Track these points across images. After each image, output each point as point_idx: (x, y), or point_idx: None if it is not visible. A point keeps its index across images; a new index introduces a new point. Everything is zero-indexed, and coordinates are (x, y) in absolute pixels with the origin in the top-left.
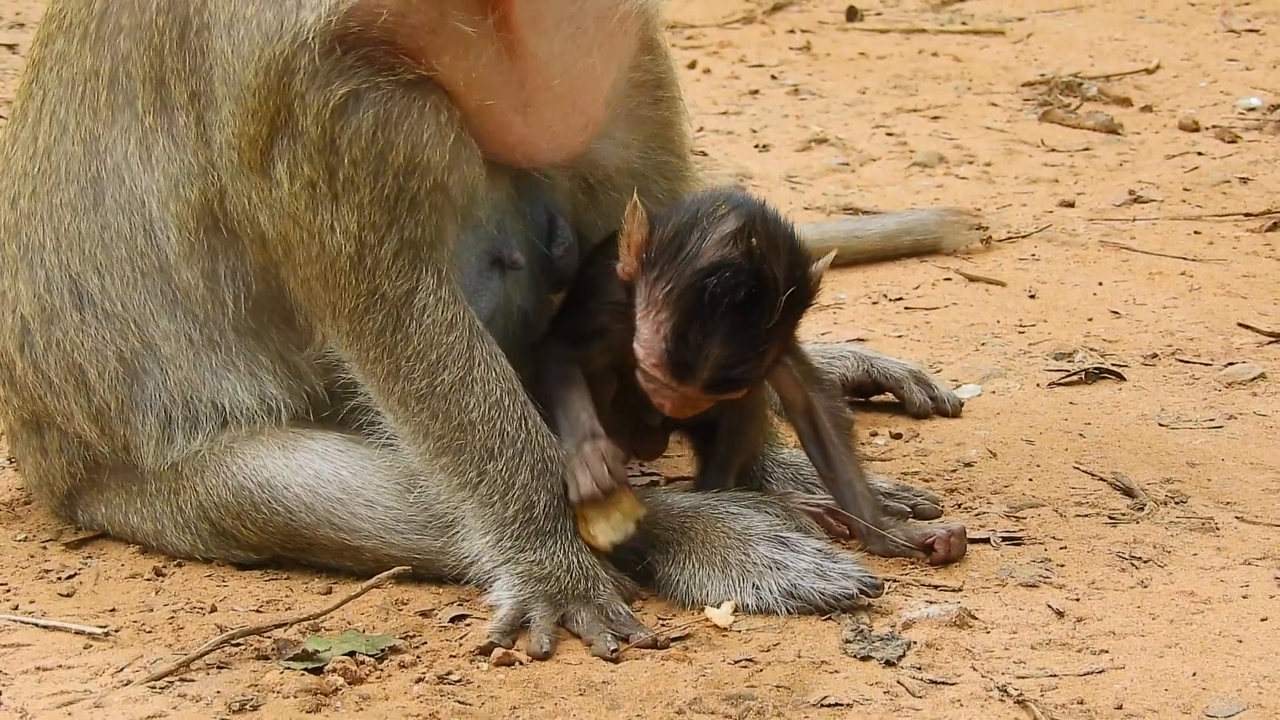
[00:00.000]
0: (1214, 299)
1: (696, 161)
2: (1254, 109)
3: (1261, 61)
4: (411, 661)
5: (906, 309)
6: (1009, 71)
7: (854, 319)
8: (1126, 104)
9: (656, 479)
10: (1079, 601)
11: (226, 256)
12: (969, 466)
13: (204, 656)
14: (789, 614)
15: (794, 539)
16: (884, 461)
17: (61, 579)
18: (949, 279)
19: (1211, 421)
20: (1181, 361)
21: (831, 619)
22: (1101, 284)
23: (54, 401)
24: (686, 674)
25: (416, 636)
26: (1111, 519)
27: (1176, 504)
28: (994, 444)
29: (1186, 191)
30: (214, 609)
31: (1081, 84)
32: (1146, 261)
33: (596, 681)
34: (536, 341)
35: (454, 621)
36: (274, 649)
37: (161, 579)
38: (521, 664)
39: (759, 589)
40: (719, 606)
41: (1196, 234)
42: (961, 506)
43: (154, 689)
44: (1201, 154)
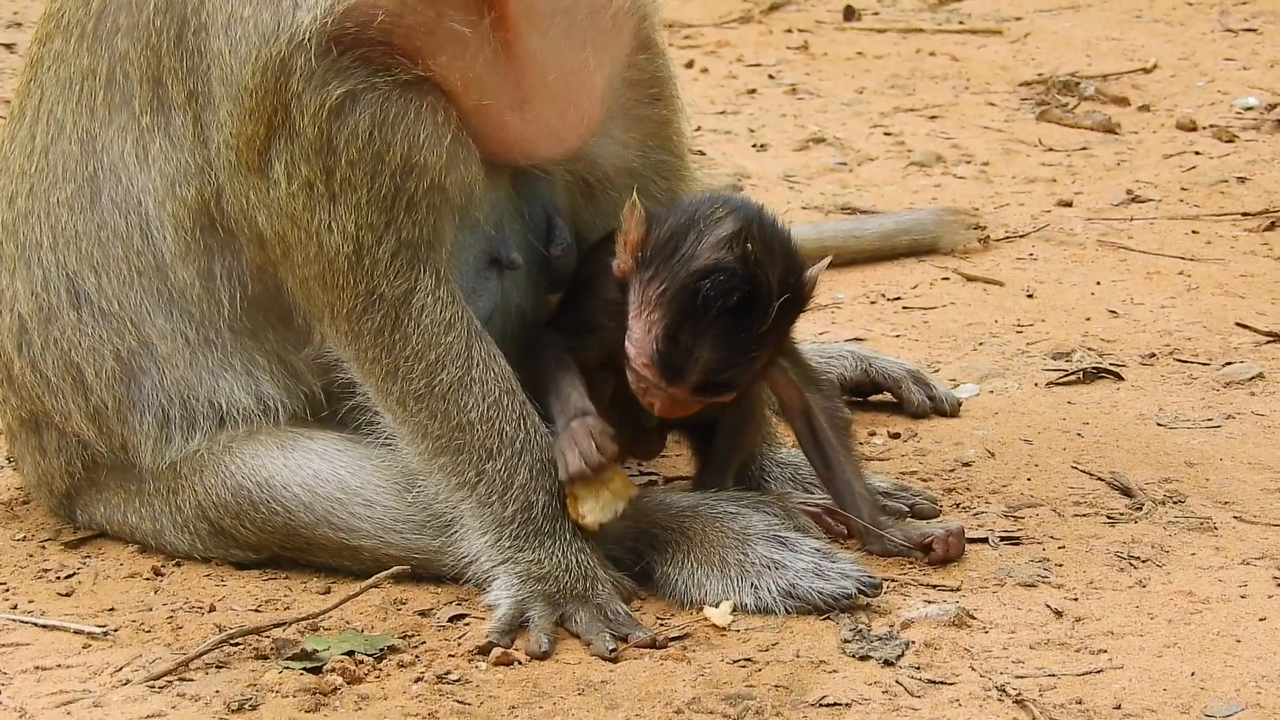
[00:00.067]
0: (1212, 298)
1: (694, 161)
2: (1251, 108)
3: (1259, 61)
4: (410, 661)
5: (904, 309)
6: (1006, 71)
7: (852, 318)
8: (1124, 103)
9: (655, 479)
10: (1077, 601)
11: (223, 256)
12: (967, 466)
13: (203, 656)
14: (787, 613)
15: (792, 539)
16: (882, 461)
17: (60, 578)
18: (947, 279)
19: (1210, 421)
20: (1179, 361)
21: (830, 619)
22: (1099, 284)
23: (52, 401)
24: (685, 673)
25: (415, 636)
26: (1110, 519)
27: (1175, 504)
28: (992, 444)
29: (1184, 191)
30: (213, 608)
31: (1079, 83)
32: (1144, 261)
33: (595, 681)
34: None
35: (453, 621)
36: (273, 648)
37: (160, 578)
38: (520, 663)
39: (757, 588)
40: (717, 606)
41: (1194, 233)
42: (960, 506)
43: (153, 688)
44: (1199, 153)
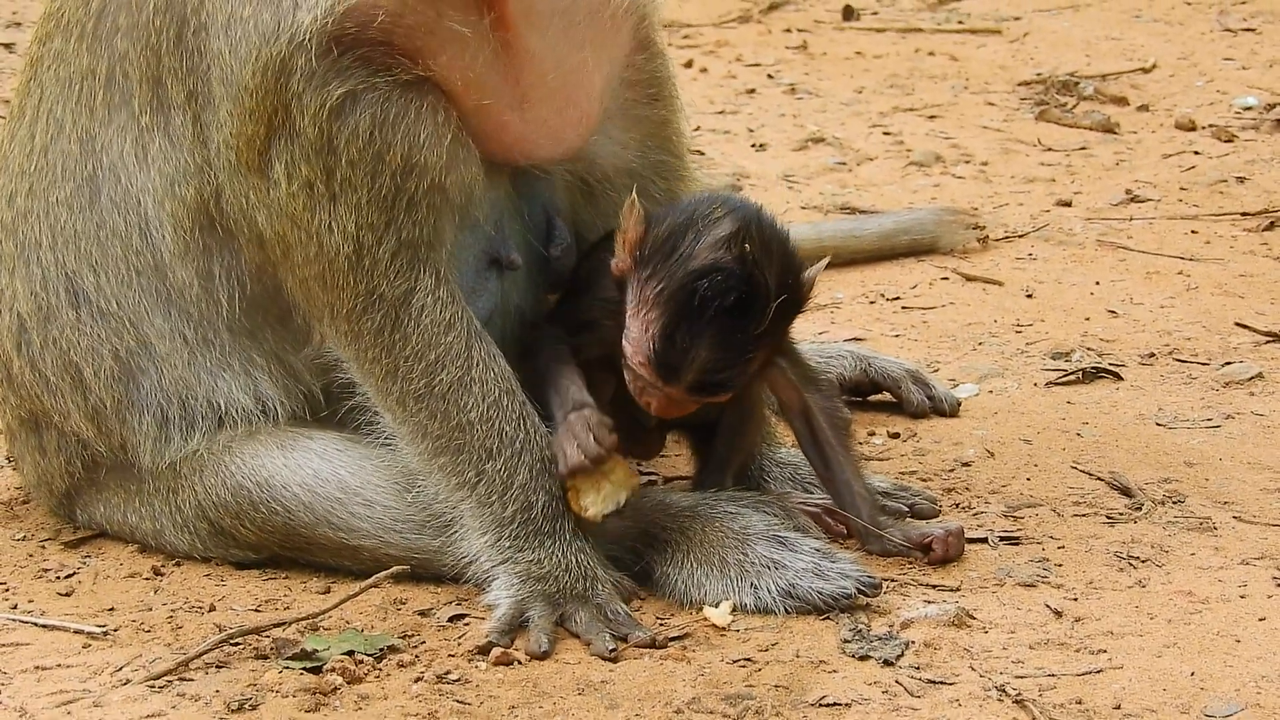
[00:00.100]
0: (1211, 298)
1: (694, 161)
2: (1250, 108)
3: (1258, 60)
4: (410, 661)
5: (904, 308)
6: (1005, 71)
7: (851, 318)
8: (1123, 103)
9: (654, 478)
10: (1077, 601)
11: (221, 256)
12: (966, 466)
13: (203, 656)
14: (787, 613)
15: (792, 539)
16: (881, 461)
17: (60, 578)
18: (946, 278)
19: (1209, 421)
20: (1179, 361)
21: (830, 618)
22: (1099, 283)
23: (51, 400)
24: (685, 673)
25: (415, 636)
26: (1109, 519)
27: (1174, 504)
28: (991, 443)
29: (1183, 191)
30: (213, 608)
31: (1078, 83)
32: (1143, 261)
33: (595, 681)
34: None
35: (452, 621)
36: (273, 648)
37: (160, 578)
38: (520, 663)
39: (757, 588)
40: (717, 606)
41: (1193, 233)
42: (959, 506)
43: (153, 688)
44: (1198, 153)
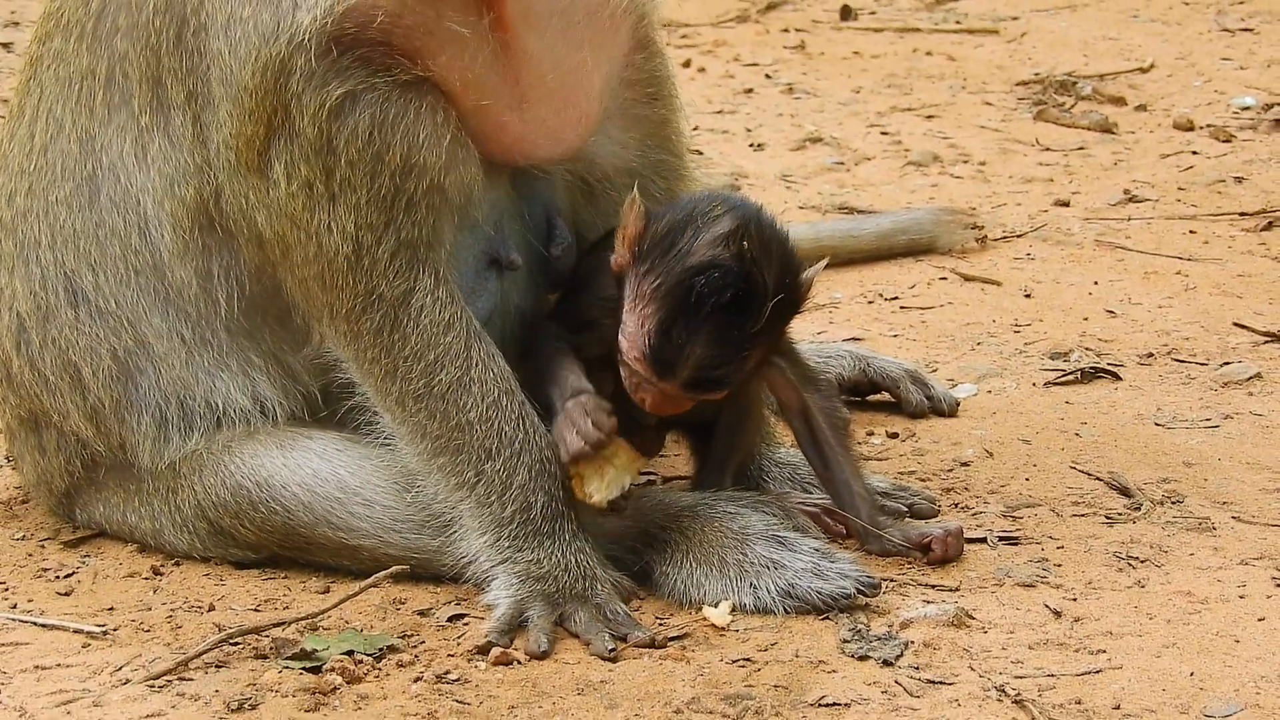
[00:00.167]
0: (1209, 298)
1: (692, 160)
2: (1248, 108)
3: (1256, 60)
4: (410, 661)
5: (902, 308)
6: (1003, 71)
7: (850, 318)
8: (1121, 103)
9: (654, 478)
10: (1076, 601)
11: (220, 255)
12: (965, 466)
13: (202, 655)
14: (786, 613)
15: (791, 538)
16: (880, 461)
17: (60, 578)
18: (944, 278)
19: (1208, 421)
20: (1177, 361)
21: (829, 618)
22: (1097, 283)
23: (50, 400)
24: (684, 673)
25: (414, 636)
26: (1108, 519)
27: (1173, 504)
28: (990, 443)
29: (1181, 191)
30: (212, 608)
31: (1076, 83)
32: (1142, 261)
33: (594, 681)
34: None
35: (452, 621)
36: (272, 648)
37: (159, 578)
38: (519, 663)
39: (756, 588)
40: (716, 606)
41: (1192, 233)
42: (958, 506)
43: (152, 688)
44: (1196, 153)
